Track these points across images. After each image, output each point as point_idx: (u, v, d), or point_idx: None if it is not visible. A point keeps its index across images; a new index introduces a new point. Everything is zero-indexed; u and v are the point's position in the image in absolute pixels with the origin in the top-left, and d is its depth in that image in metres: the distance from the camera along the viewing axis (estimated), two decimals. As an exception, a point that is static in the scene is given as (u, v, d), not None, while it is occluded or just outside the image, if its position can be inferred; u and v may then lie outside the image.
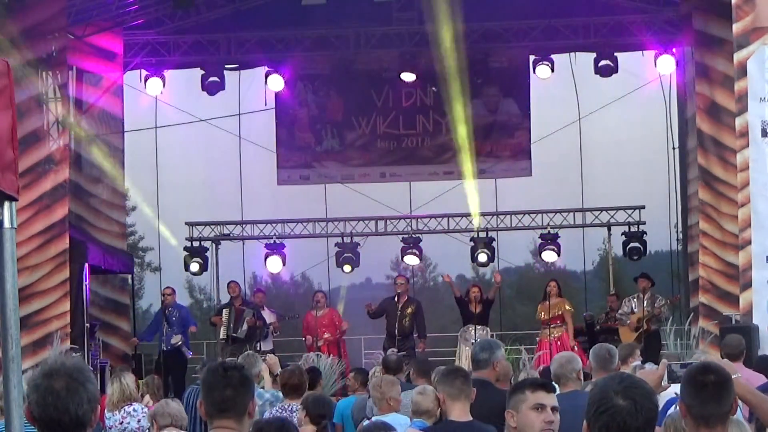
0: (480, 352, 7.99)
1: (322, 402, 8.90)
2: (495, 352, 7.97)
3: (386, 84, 22.34)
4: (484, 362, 7.89)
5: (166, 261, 24.28)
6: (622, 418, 3.66)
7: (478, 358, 7.96)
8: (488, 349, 7.99)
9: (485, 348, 8.02)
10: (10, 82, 3.22)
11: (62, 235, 17.70)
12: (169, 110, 22.85)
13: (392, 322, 18.78)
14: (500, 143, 22.63)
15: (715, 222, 17.97)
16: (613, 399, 3.68)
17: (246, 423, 4.36)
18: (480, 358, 7.92)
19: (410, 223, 22.73)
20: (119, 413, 10.02)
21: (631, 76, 21.93)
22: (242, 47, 22.07)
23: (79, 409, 3.66)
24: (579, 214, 22.55)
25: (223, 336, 19.23)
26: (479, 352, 8.00)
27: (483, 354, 7.93)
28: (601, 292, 23.81)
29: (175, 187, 23.88)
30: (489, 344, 8.17)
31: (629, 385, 3.73)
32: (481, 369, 7.88)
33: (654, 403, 3.74)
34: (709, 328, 16.25)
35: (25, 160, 16.90)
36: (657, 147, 22.73)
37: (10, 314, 3.20)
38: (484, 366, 7.88)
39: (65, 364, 3.72)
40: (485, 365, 7.88)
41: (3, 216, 3.22)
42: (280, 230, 22.68)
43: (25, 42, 17.54)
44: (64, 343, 16.85)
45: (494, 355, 7.93)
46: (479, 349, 8.06)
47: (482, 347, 8.06)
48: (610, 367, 7.65)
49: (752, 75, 14.10)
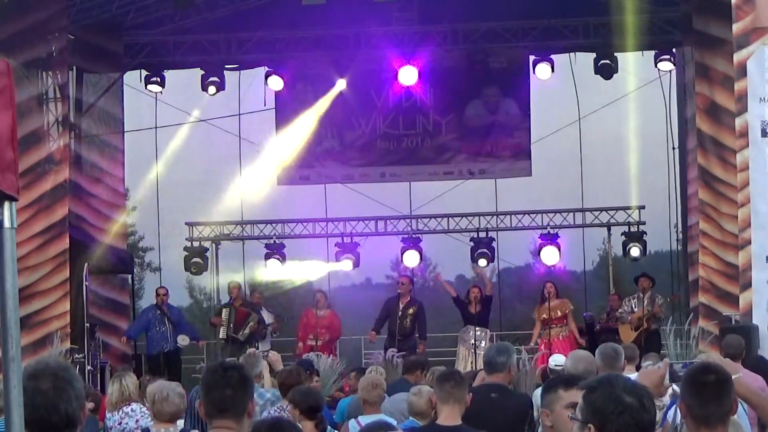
0: (497, 355, 7.91)
1: (310, 394, 8.46)
2: (511, 356, 7.94)
3: (386, 84, 22.33)
4: (500, 365, 7.83)
5: (166, 261, 24.29)
6: (639, 416, 3.62)
7: (494, 362, 7.88)
8: (505, 353, 7.94)
9: (502, 352, 7.96)
10: (10, 82, 3.22)
11: (62, 235, 17.70)
12: (169, 110, 22.85)
13: (394, 321, 18.79)
14: (500, 143, 22.62)
15: (715, 222, 17.97)
16: (625, 399, 3.64)
17: (246, 423, 4.35)
18: (497, 362, 7.85)
19: (410, 223, 22.73)
20: (118, 414, 10.01)
21: (631, 76, 21.92)
22: (242, 47, 22.06)
23: (69, 408, 3.65)
24: (579, 214, 22.55)
25: (223, 336, 19.22)
26: (496, 355, 7.92)
27: (500, 358, 7.87)
28: (601, 292, 23.80)
29: (175, 187, 23.87)
30: (506, 348, 8.11)
31: (632, 384, 3.72)
32: (497, 372, 7.82)
33: (654, 404, 3.74)
34: (709, 328, 16.25)
35: (25, 160, 16.90)
36: (657, 147, 22.74)
37: (10, 314, 3.20)
38: (500, 369, 7.82)
39: (49, 364, 3.71)
40: (501, 368, 7.82)
41: (3, 216, 3.21)
42: (280, 230, 22.67)
43: (24, 42, 17.54)
44: (64, 343, 16.85)
45: (511, 359, 7.90)
46: (495, 352, 7.99)
47: (499, 351, 8.00)
48: (617, 366, 7.63)
49: (752, 75, 14.10)
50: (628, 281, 21.10)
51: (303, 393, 8.43)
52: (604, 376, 3.90)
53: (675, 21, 20.90)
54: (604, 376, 3.92)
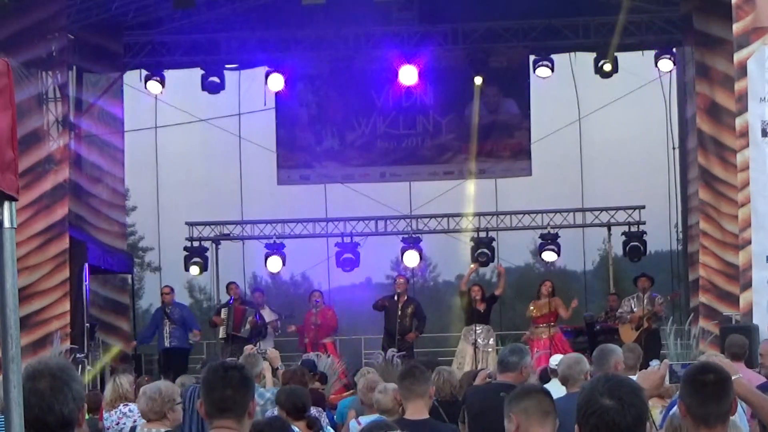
0: (510, 355, 7.91)
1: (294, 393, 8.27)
2: (525, 357, 7.93)
3: (386, 84, 22.33)
4: (513, 365, 7.82)
5: (166, 261, 24.30)
6: (610, 417, 3.67)
7: (507, 361, 7.88)
8: (518, 353, 7.94)
9: (515, 352, 7.96)
10: (10, 82, 3.22)
11: (62, 235, 17.70)
12: (169, 110, 22.86)
13: (392, 321, 18.79)
14: (500, 143, 22.63)
15: (715, 222, 17.97)
16: (599, 400, 3.69)
17: (246, 423, 4.35)
18: (510, 361, 7.85)
19: (410, 223, 22.74)
20: (116, 414, 10.00)
21: (631, 76, 21.92)
22: (242, 47, 22.06)
23: (65, 408, 3.64)
24: (579, 214, 22.56)
25: (223, 336, 19.27)
26: (509, 355, 7.92)
27: (513, 357, 7.87)
28: (601, 292, 23.81)
29: (175, 187, 23.88)
30: (519, 348, 8.11)
31: (614, 384, 3.74)
32: (509, 372, 7.81)
33: (641, 400, 3.75)
34: (709, 328, 16.25)
35: (25, 160, 16.91)
36: (657, 147, 22.75)
37: (10, 314, 3.20)
38: (513, 369, 7.81)
39: (48, 364, 3.71)
40: (514, 368, 7.81)
41: (3, 216, 3.21)
42: (280, 230, 22.69)
43: (24, 42, 17.54)
44: (64, 343, 16.85)
45: (524, 359, 7.89)
46: (509, 352, 7.99)
47: (512, 351, 8.00)
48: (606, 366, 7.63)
49: (752, 75, 14.10)
50: (628, 281, 21.10)
51: (286, 393, 8.32)
52: (597, 376, 3.94)
53: (675, 21, 20.90)
54: (597, 376, 3.96)
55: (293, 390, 8.52)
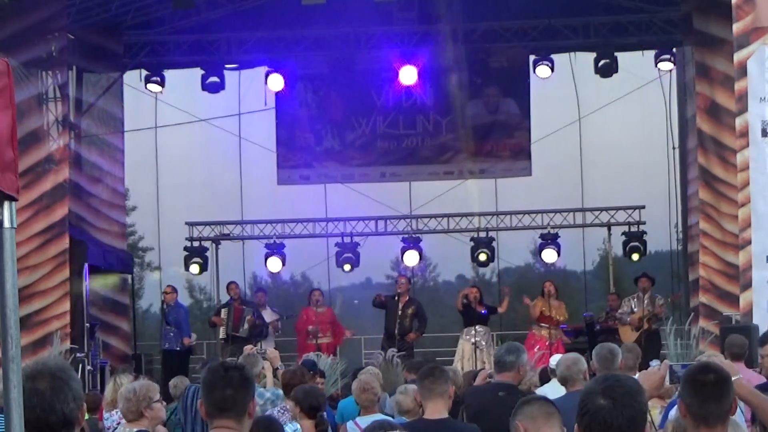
0: (506, 354, 7.92)
1: (312, 393, 8.55)
2: (521, 356, 7.94)
3: (386, 84, 22.33)
4: (510, 365, 7.83)
5: (166, 261, 24.30)
6: (602, 417, 3.70)
7: (503, 360, 7.88)
8: (515, 352, 7.94)
9: (512, 351, 7.97)
10: (10, 82, 3.22)
11: (62, 235, 17.71)
12: (169, 110, 22.85)
13: (392, 321, 18.81)
14: (500, 143, 22.62)
15: (715, 222, 17.97)
16: (594, 399, 3.72)
17: (246, 423, 4.36)
18: (506, 361, 7.86)
19: (410, 223, 22.74)
20: (116, 413, 10.00)
21: (631, 76, 21.92)
22: (242, 47, 22.07)
23: (66, 408, 3.65)
24: (579, 214, 22.56)
25: (223, 336, 19.28)
26: (505, 354, 7.93)
27: (509, 357, 7.87)
28: (601, 292, 23.80)
29: (175, 187, 23.88)
30: (516, 347, 8.12)
31: (611, 384, 3.76)
32: (506, 371, 7.82)
33: (638, 401, 3.76)
34: (709, 328, 16.26)
35: (25, 160, 16.91)
36: (657, 147, 22.74)
37: (10, 314, 3.20)
38: (510, 368, 7.82)
39: (47, 364, 3.72)
40: (511, 368, 7.82)
41: (3, 216, 3.21)
42: (280, 230, 22.68)
43: (24, 42, 17.54)
44: (64, 343, 16.85)
45: (520, 358, 7.90)
46: (505, 351, 8.00)
47: (509, 350, 8.01)
48: (613, 367, 7.63)
49: (752, 75, 14.09)
50: (628, 281, 21.11)
51: (305, 391, 8.49)
52: (597, 377, 3.95)
53: (675, 21, 20.90)
54: (598, 376, 3.97)
55: (312, 389, 8.79)
